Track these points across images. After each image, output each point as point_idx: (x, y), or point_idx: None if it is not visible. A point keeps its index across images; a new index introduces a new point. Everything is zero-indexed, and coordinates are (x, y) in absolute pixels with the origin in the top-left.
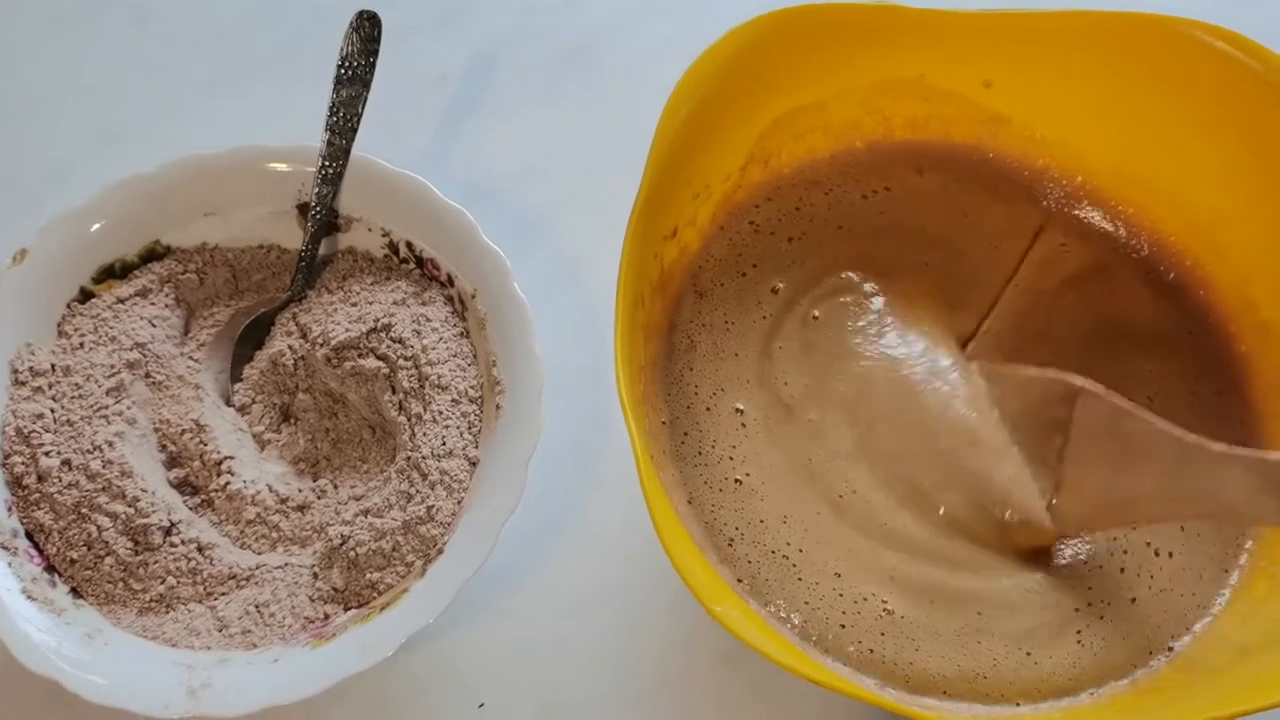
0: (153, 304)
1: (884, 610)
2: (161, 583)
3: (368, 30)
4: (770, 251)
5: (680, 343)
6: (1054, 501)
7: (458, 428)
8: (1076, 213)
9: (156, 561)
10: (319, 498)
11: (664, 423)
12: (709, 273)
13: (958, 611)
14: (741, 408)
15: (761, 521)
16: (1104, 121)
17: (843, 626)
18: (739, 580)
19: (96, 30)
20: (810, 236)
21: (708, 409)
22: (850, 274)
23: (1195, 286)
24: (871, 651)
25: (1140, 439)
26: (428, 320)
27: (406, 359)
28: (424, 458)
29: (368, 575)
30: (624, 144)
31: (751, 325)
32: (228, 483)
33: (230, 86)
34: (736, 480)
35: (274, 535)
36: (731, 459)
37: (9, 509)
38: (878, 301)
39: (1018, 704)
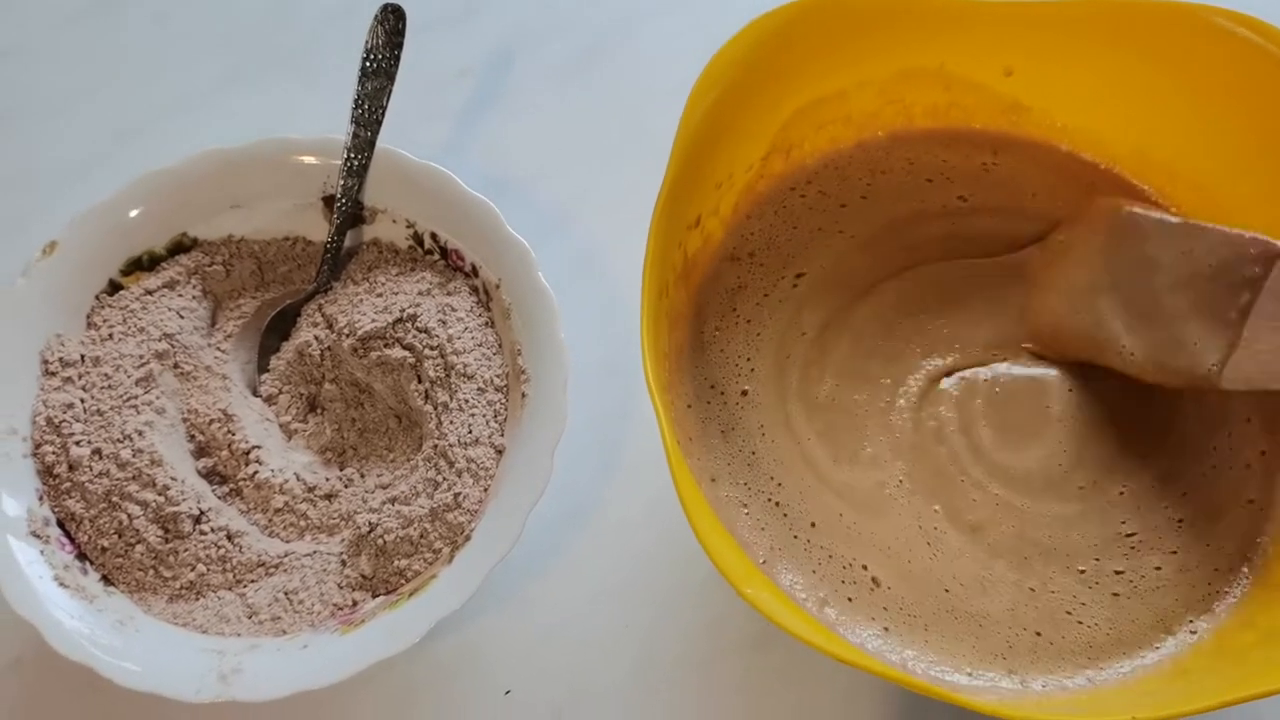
0: (180, 295)
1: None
2: (191, 570)
3: (392, 23)
4: (793, 240)
5: (703, 330)
6: (1227, 358)
7: (484, 416)
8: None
9: (186, 549)
10: (346, 486)
11: (688, 407)
12: (732, 261)
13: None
14: (762, 393)
15: (778, 504)
16: (1125, 108)
17: (849, 600)
18: (762, 561)
19: (117, 26)
20: (833, 225)
21: (729, 394)
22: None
23: None
24: (886, 630)
25: None
26: (453, 310)
27: (432, 348)
28: (451, 446)
29: (396, 562)
30: (643, 137)
31: (774, 313)
32: (255, 472)
33: (249, 81)
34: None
35: (302, 523)
36: (755, 444)
37: (40, 498)
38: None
39: (1042, 685)
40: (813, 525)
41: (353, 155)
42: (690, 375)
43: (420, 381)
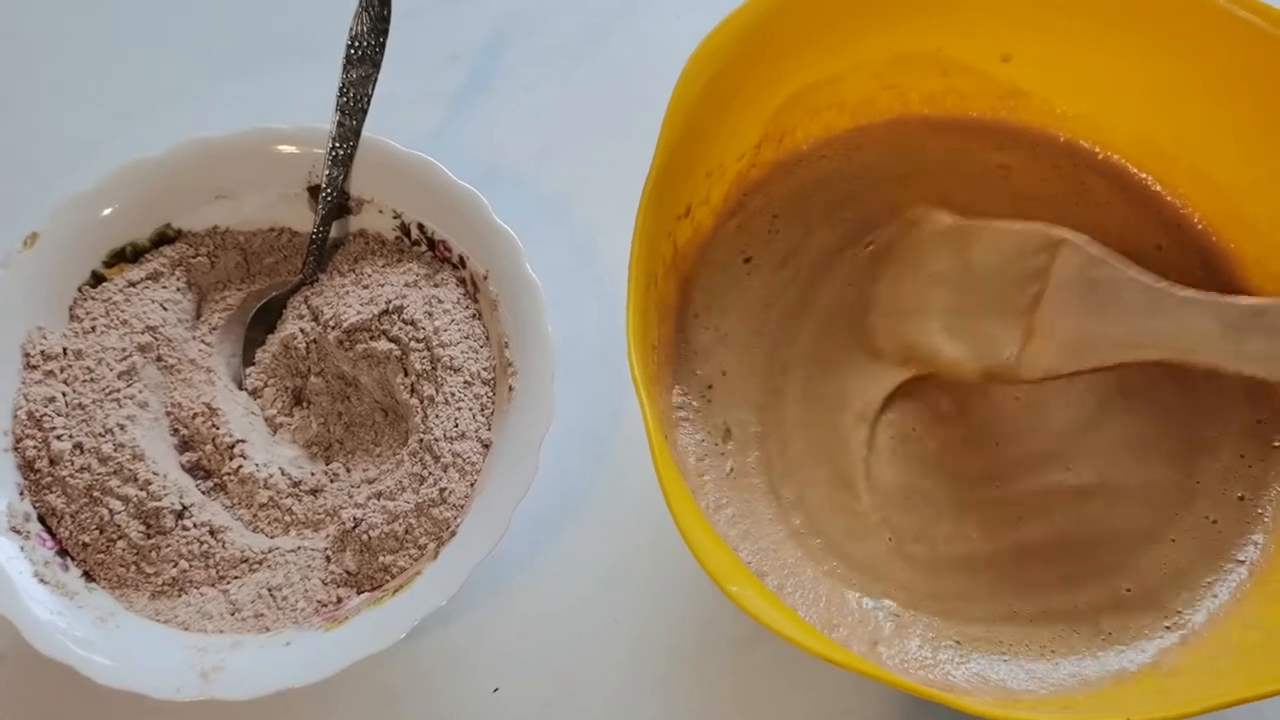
0: (164, 287)
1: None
2: (174, 566)
3: (378, 9)
4: (785, 232)
5: (693, 323)
6: (1022, 349)
7: (470, 410)
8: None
9: (169, 545)
10: (331, 481)
11: (676, 401)
12: (722, 252)
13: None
14: (753, 385)
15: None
16: (1125, 94)
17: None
18: (749, 560)
19: (104, 13)
20: (825, 217)
21: (718, 389)
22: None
23: (1220, 261)
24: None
25: (1112, 284)
26: (440, 302)
27: (419, 341)
28: (436, 440)
29: (380, 558)
30: (637, 123)
31: (765, 306)
32: (240, 466)
33: (239, 68)
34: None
35: (286, 519)
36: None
37: (21, 493)
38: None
39: (1036, 689)
40: (800, 523)
41: (338, 145)
42: (678, 369)
43: (406, 374)
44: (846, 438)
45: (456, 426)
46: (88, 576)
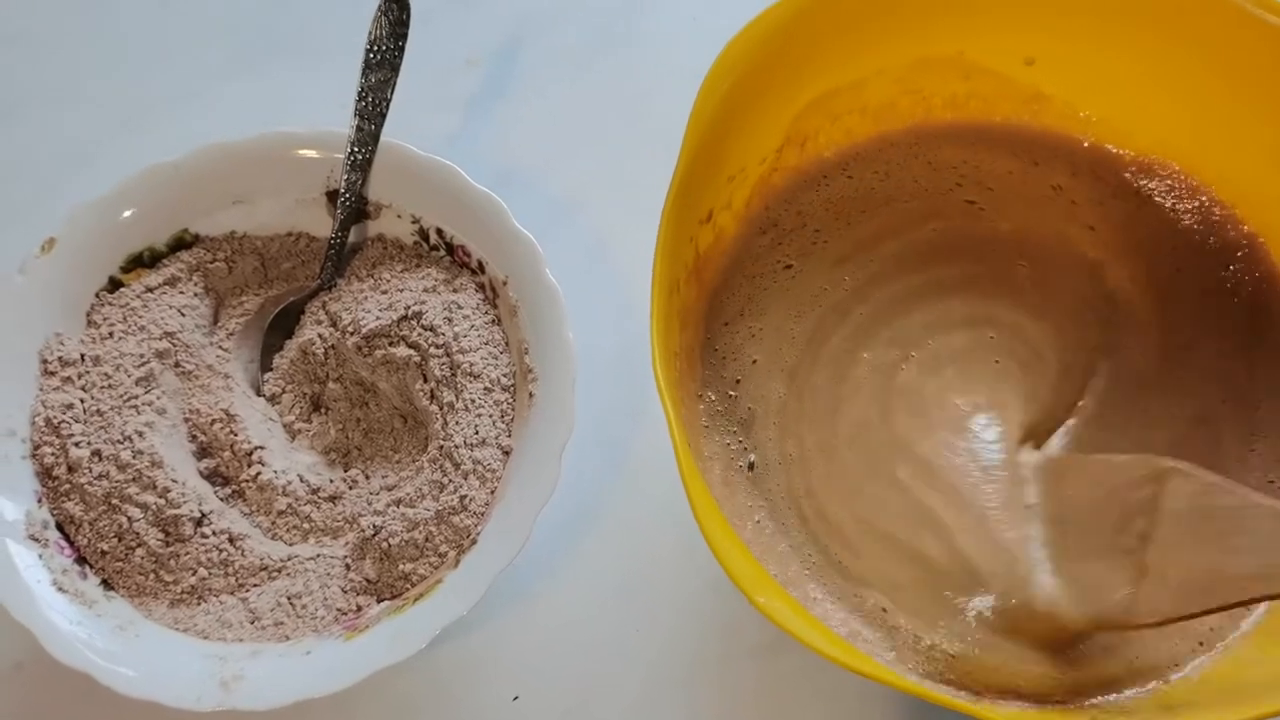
0: (182, 293)
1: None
2: (193, 574)
3: (396, 14)
4: (807, 238)
5: (715, 329)
6: (1137, 590)
7: (490, 416)
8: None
9: (188, 553)
10: (350, 488)
11: (700, 408)
12: (744, 258)
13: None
14: (778, 396)
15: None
16: (1150, 98)
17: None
18: (776, 571)
19: (118, 15)
20: (850, 224)
21: (741, 397)
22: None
23: (1250, 266)
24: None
25: (1233, 513)
26: (459, 307)
27: (438, 347)
28: (456, 447)
29: (400, 566)
30: (654, 126)
31: (790, 313)
32: (258, 473)
33: (252, 71)
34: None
35: (305, 526)
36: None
37: (39, 500)
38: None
39: (1062, 700)
40: (829, 530)
41: (356, 149)
42: (702, 374)
43: (426, 380)
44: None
45: (477, 433)
46: (106, 585)
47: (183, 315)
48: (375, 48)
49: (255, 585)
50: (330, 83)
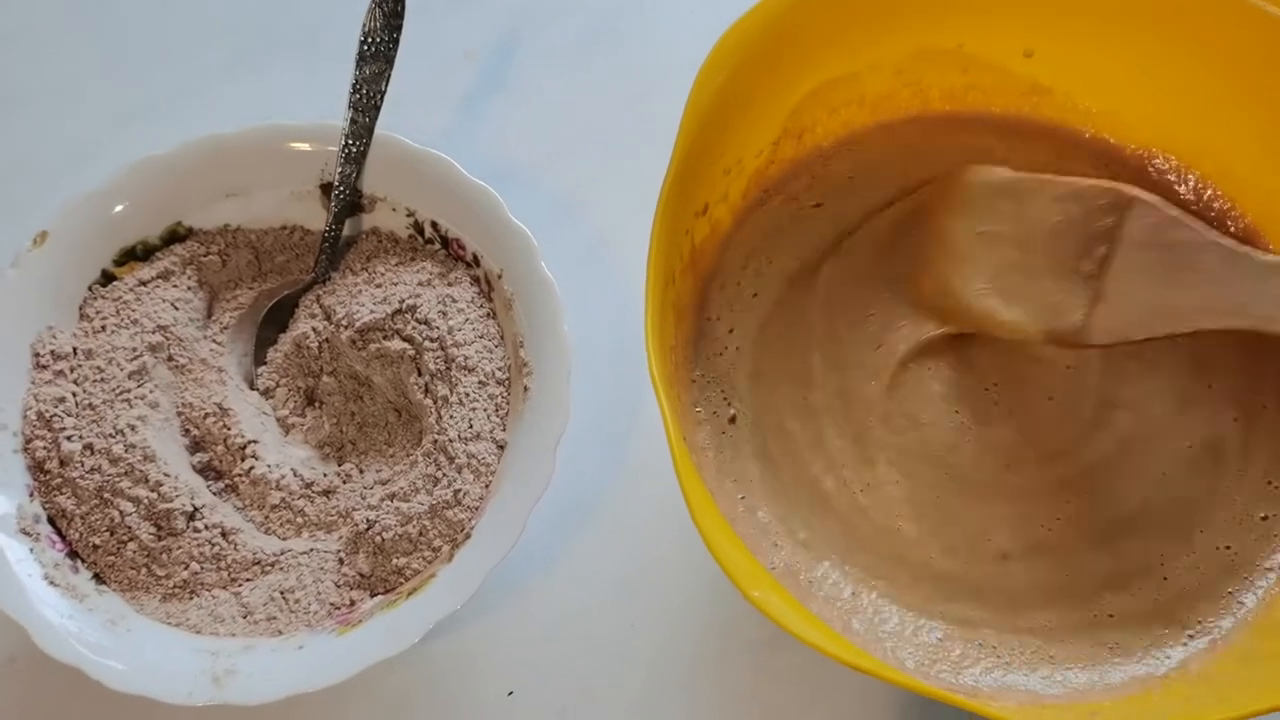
0: (175, 286)
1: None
2: (185, 568)
3: (390, 5)
4: (804, 230)
5: (711, 322)
6: (1091, 313)
7: (485, 410)
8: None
9: (180, 547)
10: (344, 482)
11: (694, 401)
12: (740, 251)
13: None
14: (772, 388)
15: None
16: (1149, 91)
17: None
18: (772, 565)
19: (117, 13)
20: (846, 214)
21: (738, 389)
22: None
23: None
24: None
25: (1189, 248)
26: (454, 301)
27: (432, 340)
28: (451, 441)
29: (394, 560)
30: (651, 121)
31: (784, 305)
32: (252, 467)
33: (249, 66)
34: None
35: (299, 520)
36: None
37: (31, 494)
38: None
39: (1059, 694)
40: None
41: (351, 142)
42: (696, 368)
43: (420, 374)
44: (871, 408)
45: (471, 427)
46: (98, 579)
47: (176, 309)
48: (369, 40)
49: (248, 580)
50: (329, 80)
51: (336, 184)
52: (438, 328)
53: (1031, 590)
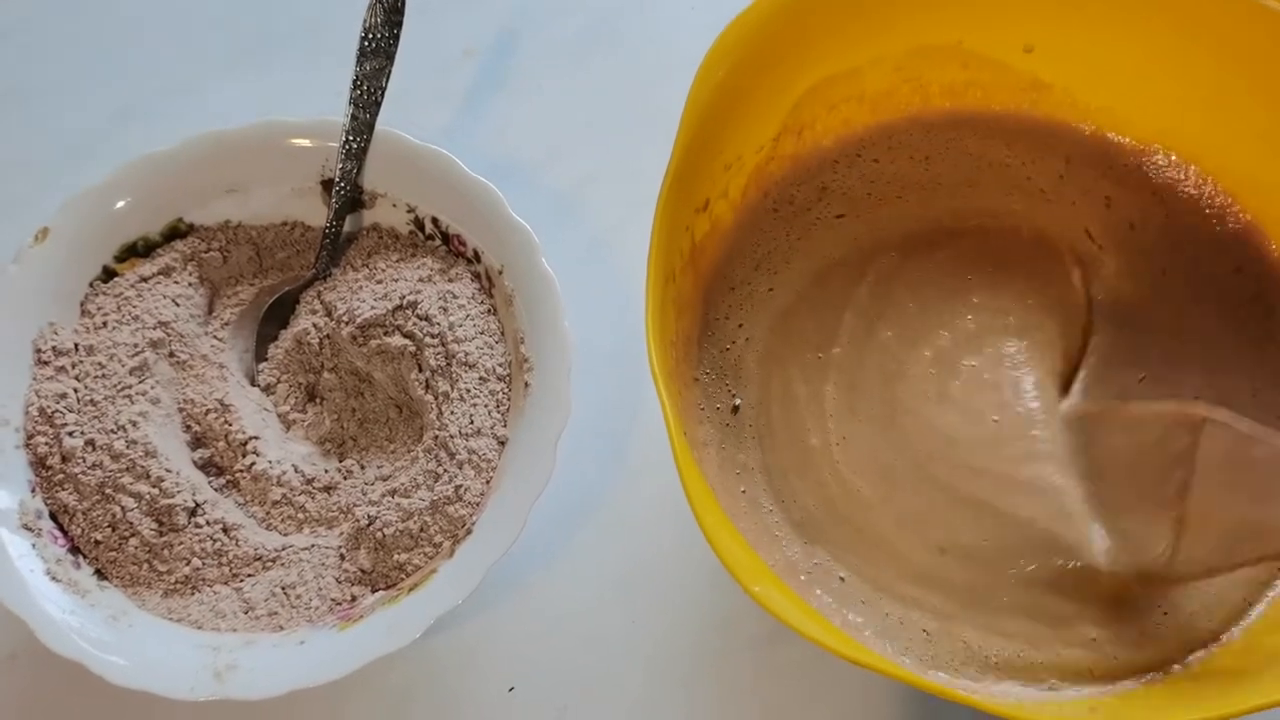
0: (176, 282)
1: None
2: (187, 564)
3: (391, 1)
4: (805, 227)
5: (712, 318)
6: (1177, 544)
7: (485, 406)
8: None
9: (181, 543)
10: (345, 478)
11: (696, 400)
12: (740, 247)
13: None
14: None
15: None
16: (1149, 87)
17: (863, 602)
18: (774, 561)
19: (115, 8)
20: (847, 211)
21: (745, 374)
22: (892, 254)
23: (1254, 254)
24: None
25: (1270, 464)
26: (454, 297)
27: (433, 336)
28: (452, 437)
29: (395, 556)
30: (651, 118)
31: (786, 301)
32: (253, 463)
33: (249, 63)
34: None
35: (300, 516)
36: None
37: (33, 490)
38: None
39: (1057, 688)
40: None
41: (351, 138)
42: (698, 364)
43: (421, 370)
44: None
45: (472, 423)
46: (100, 574)
47: (177, 305)
48: (370, 35)
49: (249, 575)
50: (330, 77)
51: (337, 180)
52: (438, 324)
53: (968, 589)
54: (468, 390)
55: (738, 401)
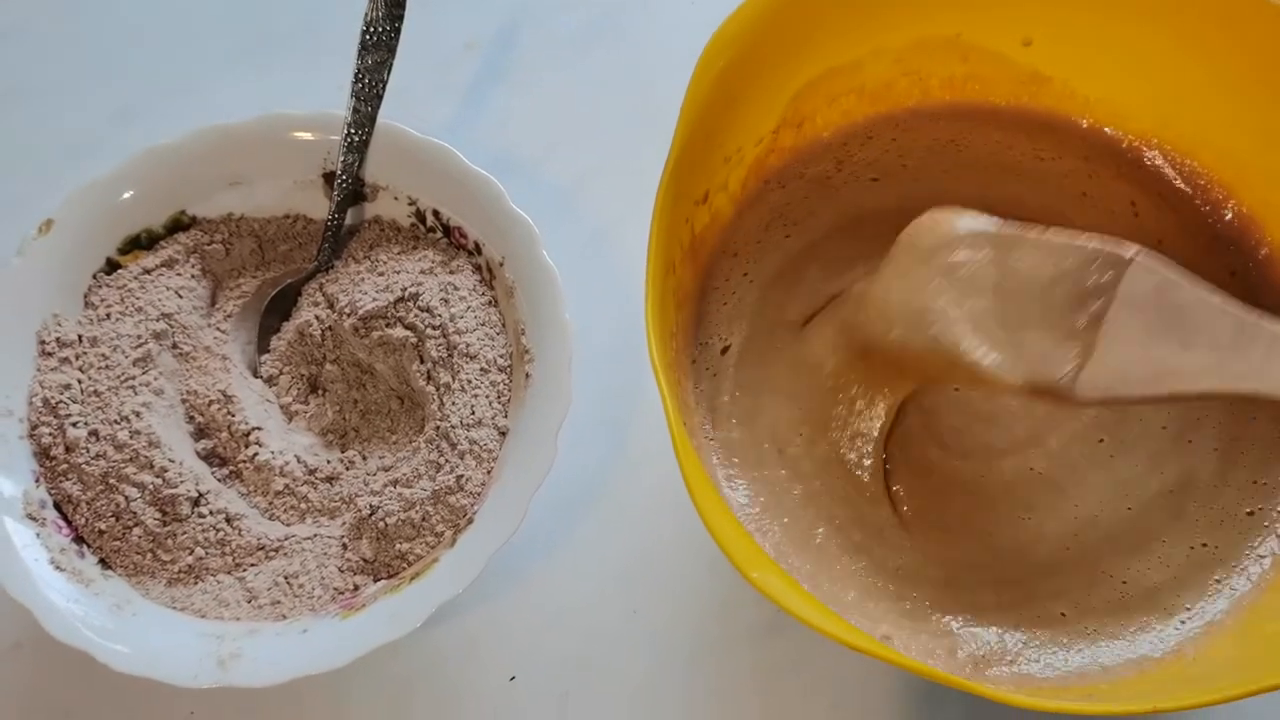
0: (179, 275)
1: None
2: (190, 553)
3: None
4: (804, 219)
5: (711, 310)
6: (1081, 367)
7: (486, 397)
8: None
9: (185, 532)
10: (347, 469)
11: (695, 387)
12: (740, 239)
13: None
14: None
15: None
16: (1149, 78)
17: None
18: (773, 549)
19: (115, 6)
20: (844, 205)
21: (737, 374)
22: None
23: (1251, 245)
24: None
25: (1193, 310)
26: (455, 289)
27: (434, 328)
28: (453, 427)
29: (397, 546)
30: (652, 112)
31: (785, 294)
32: (256, 454)
33: (250, 59)
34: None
35: (302, 506)
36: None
37: (37, 480)
38: None
39: (1055, 679)
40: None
41: (353, 131)
42: (696, 355)
43: (422, 362)
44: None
45: (473, 413)
46: (104, 564)
47: (180, 297)
48: (371, 29)
49: (252, 565)
50: (331, 73)
51: (339, 173)
52: (440, 315)
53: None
54: (469, 381)
55: (732, 399)
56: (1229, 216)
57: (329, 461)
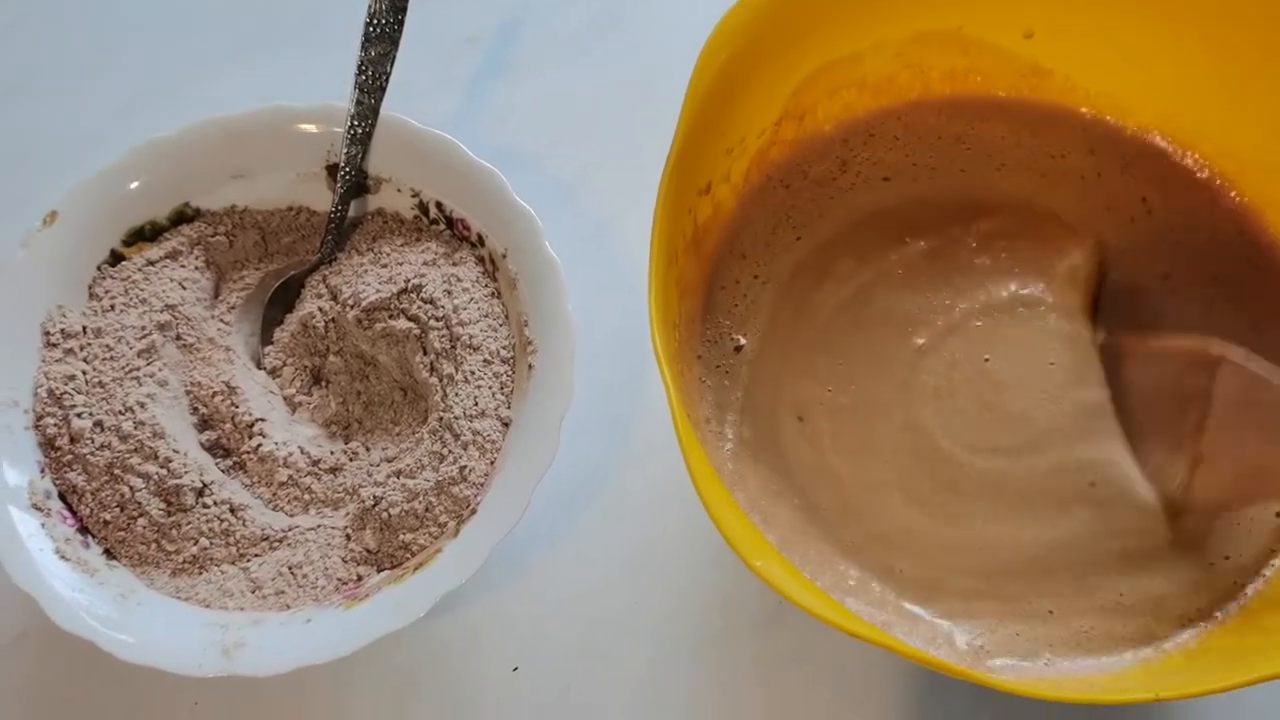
0: (183, 266)
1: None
2: (194, 544)
3: None
4: (809, 208)
5: (714, 301)
6: (1191, 476)
7: (490, 388)
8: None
9: (189, 523)
10: (351, 460)
11: (699, 379)
12: (744, 229)
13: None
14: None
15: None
16: (1149, 72)
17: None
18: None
19: (115, 2)
20: (850, 194)
21: (741, 367)
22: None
23: (1255, 234)
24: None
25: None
26: (459, 280)
27: (438, 320)
28: (456, 418)
29: (400, 536)
30: (654, 106)
31: (792, 283)
32: (259, 445)
33: (254, 52)
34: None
35: (306, 497)
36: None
37: (42, 470)
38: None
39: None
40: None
41: (356, 123)
42: (699, 346)
43: (425, 353)
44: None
45: (476, 405)
46: (109, 554)
47: (184, 288)
48: (375, 21)
49: (256, 555)
50: (335, 66)
51: (342, 165)
52: (443, 307)
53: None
54: (472, 372)
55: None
56: (1228, 208)
57: (332, 453)
